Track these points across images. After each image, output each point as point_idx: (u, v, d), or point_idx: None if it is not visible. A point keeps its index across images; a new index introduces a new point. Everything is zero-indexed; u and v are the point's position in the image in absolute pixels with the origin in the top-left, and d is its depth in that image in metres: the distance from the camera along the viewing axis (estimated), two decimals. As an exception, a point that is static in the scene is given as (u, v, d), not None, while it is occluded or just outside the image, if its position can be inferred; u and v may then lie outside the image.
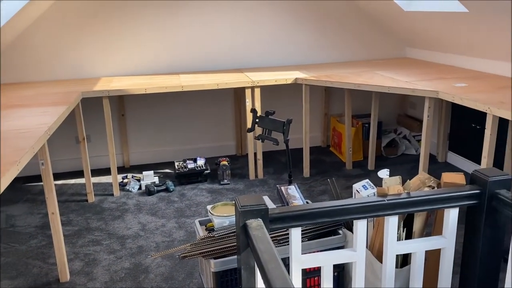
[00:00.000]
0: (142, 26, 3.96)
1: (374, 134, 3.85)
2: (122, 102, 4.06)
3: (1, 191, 1.65)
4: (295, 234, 1.50)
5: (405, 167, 3.93)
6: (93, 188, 3.56)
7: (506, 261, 1.73)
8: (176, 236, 2.92)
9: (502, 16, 2.76)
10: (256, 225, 1.40)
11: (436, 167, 3.87)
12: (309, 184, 3.65)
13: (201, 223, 2.03)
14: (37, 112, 2.68)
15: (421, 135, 4.12)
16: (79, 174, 3.97)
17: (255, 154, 3.80)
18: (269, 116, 2.43)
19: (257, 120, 2.46)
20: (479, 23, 3.02)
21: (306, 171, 3.81)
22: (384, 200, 1.52)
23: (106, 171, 4.02)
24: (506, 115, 2.33)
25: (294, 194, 2.05)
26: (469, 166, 3.72)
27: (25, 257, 2.74)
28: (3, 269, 2.63)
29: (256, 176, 3.83)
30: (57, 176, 3.95)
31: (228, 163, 3.77)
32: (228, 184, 3.73)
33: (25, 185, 3.82)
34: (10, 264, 2.67)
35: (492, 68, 3.37)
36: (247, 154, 4.24)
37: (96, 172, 4.02)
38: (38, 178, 3.84)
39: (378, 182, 1.85)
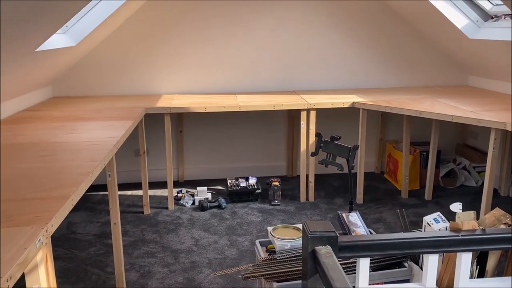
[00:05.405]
0: (203, 47, 4.09)
1: (433, 163, 3.72)
2: (181, 119, 4.18)
3: (76, 201, 1.73)
4: (364, 264, 1.47)
5: (465, 199, 3.77)
6: (149, 200, 3.66)
7: None
8: (228, 254, 2.94)
9: None
10: (325, 252, 1.38)
11: (499, 201, 3.68)
12: (363, 211, 3.57)
13: (261, 244, 2.04)
14: (103, 125, 2.80)
15: (482, 166, 3.97)
16: (136, 186, 4.09)
17: (307, 176, 3.78)
18: (334, 141, 2.42)
19: (321, 144, 2.46)
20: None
21: (360, 197, 3.74)
22: (459, 236, 1.47)
23: (161, 185, 4.11)
24: None
25: (356, 222, 2.01)
26: (534, 202, 3.53)
27: (85, 264, 2.84)
28: (65, 274, 2.73)
29: (307, 199, 3.80)
30: (114, 187, 4.10)
31: (279, 184, 3.77)
32: (279, 205, 3.72)
33: (86, 193, 3.97)
34: (70, 270, 2.78)
35: None
36: (297, 175, 4.22)
37: (151, 185, 4.13)
38: (97, 187, 3.99)
39: (441, 213, 1.81)
